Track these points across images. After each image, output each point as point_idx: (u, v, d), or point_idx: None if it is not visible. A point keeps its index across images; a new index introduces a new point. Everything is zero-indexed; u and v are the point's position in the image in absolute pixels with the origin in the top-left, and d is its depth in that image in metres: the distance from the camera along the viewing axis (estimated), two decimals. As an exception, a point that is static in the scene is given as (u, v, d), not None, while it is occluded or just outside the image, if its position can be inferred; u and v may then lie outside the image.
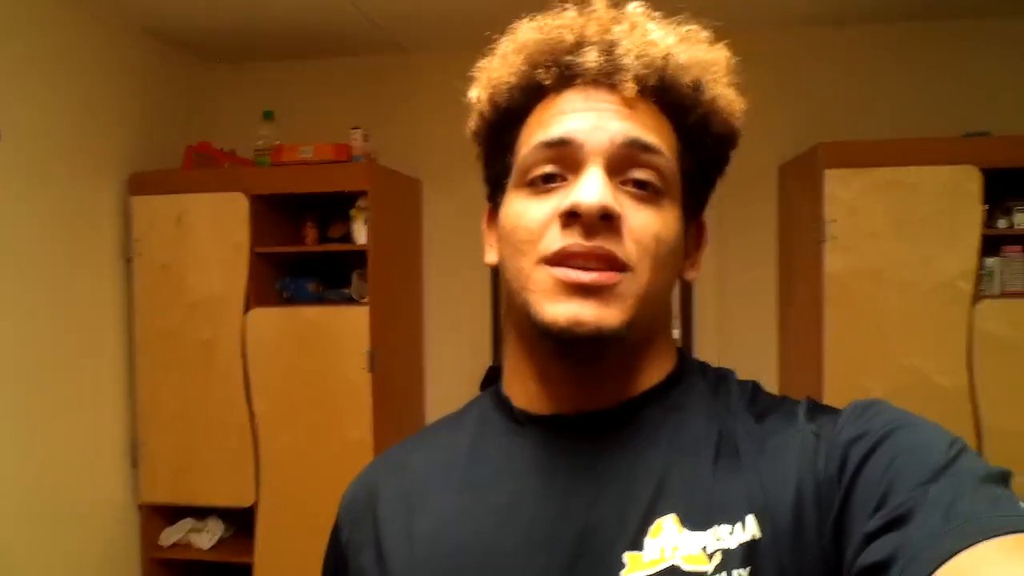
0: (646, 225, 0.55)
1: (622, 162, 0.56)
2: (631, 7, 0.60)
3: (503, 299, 0.64)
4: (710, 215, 0.67)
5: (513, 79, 0.60)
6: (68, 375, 2.29)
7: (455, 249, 2.90)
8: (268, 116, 2.62)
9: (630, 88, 0.56)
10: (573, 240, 0.53)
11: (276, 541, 2.45)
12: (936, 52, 2.64)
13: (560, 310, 0.53)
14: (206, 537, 2.58)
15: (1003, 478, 0.46)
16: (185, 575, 2.68)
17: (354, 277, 2.58)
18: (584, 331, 0.53)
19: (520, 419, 0.62)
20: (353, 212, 2.50)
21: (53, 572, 2.22)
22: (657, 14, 0.61)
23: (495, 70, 0.61)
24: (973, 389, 2.19)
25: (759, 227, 2.75)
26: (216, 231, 2.49)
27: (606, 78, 0.57)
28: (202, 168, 2.59)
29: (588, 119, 0.56)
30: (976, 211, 2.17)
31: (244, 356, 2.48)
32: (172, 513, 2.64)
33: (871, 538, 0.45)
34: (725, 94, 0.60)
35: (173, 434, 2.52)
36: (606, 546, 0.53)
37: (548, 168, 0.57)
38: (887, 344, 2.22)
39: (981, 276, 2.22)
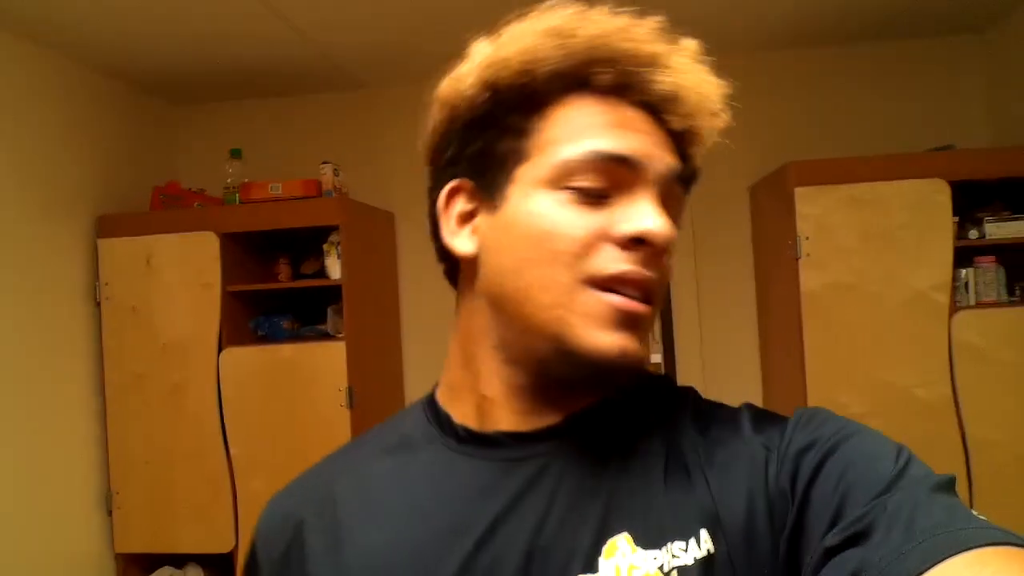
0: (671, 256, 0.56)
1: (665, 194, 0.55)
2: (685, 41, 0.58)
3: (469, 303, 0.58)
4: (684, 235, 0.67)
5: (553, 58, 0.54)
6: (39, 423, 2.23)
7: (431, 280, 2.85)
8: (236, 154, 2.60)
9: (678, 122, 0.56)
10: (634, 267, 0.52)
11: (257, 587, 2.39)
12: (898, 70, 2.68)
13: (611, 340, 0.52)
14: (185, 586, 2.51)
15: (950, 485, 0.46)
16: (164, 626, 2.60)
17: (329, 312, 2.56)
18: (628, 363, 0.52)
19: (461, 437, 0.58)
20: (326, 247, 2.48)
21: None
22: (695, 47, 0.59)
23: (539, 37, 0.55)
24: (956, 401, 2.19)
25: (734, 247, 2.76)
26: (186, 271, 2.45)
27: (663, 106, 0.55)
28: (170, 208, 2.56)
29: (647, 143, 0.54)
30: (947, 223, 2.19)
31: (219, 398, 2.43)
32: (150, 561, 2.57)
33: (831, 553, 0.45)
34: (712, 134, 0.59)
35: (147, 480, 2.46)
36: (558, 570, 0.51)
37: (598, 182, 0.53)
38: (867, 359, 2.22)
39: (955, 287, 2.22)
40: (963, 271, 2.24)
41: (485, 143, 0.57)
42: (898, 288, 2.20)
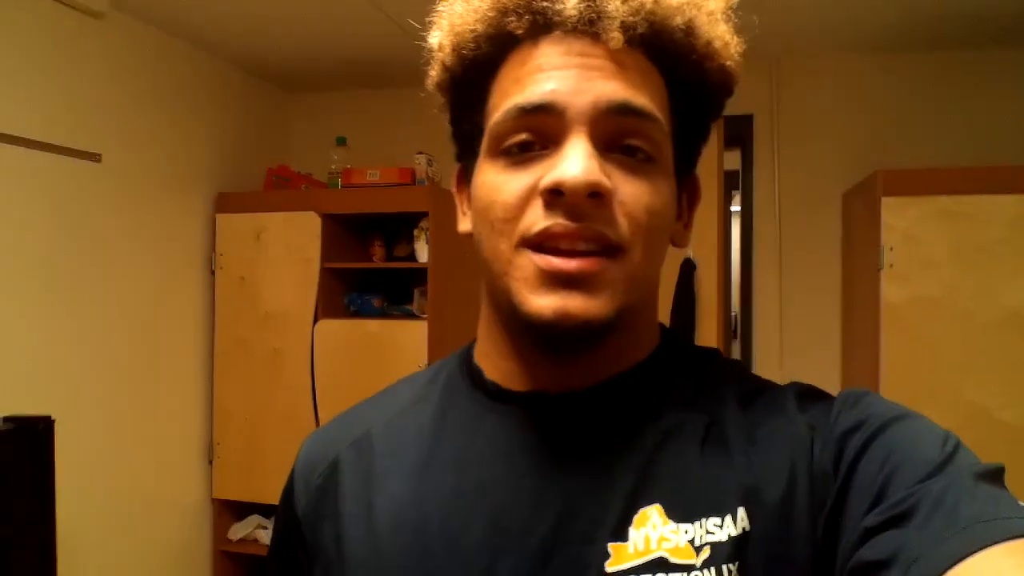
0: (638, 197, 0.50)
1: (609, 128, 0.50)
2: None
3: (480, 270, 0.58)
4: (771, 233, 0.63)
5: (480, 26, 0.52)
6: (155, 377, 2.50)
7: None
8: (341, 142, 2.80)
9: (616, 39, 0.49)
10: (556, 220, 0.48)
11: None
12: (999, 79, 2.56)
13: (545, 303, 0.49)
14: (271, 534, 2.73)
15: (999, 475, 0.45)
16: (250, 569, 2.85)
17: (416, 293, 2.71)
18: (571, 324, 0.49)
19: (493, 393, 0.57)
20: (416, 232, 2.63)
21: (134, 559, 2.42)
22: None
23: (458, 15, 0.54)
24: (1042, 427, 2.09)
25: (823, 252, 2.72)
26: (290, 247, 2.67)
27: (588, 27, 0.49)
28: (280, 189, 2.79)
29: (569, 79, 0.49)
30: (1044, 241, 2.09)
31: (311, 364, 2.63)
32: (242, 509, 2.82)
33: (870, 533, 0.44)
34: (720, 35, 0.53)
35: (245, 435, 2.70)
36: (587, 536, 0.49)
37: (524, 136, 0.50)
38: (947, 376, 2.15)
39: (1051, 308, 2.12)
40: (1062, 292, 2.12)
41: (456, 126, 0.59)
42: (983, 305, 2.12)
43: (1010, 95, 2.55)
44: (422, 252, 2.61)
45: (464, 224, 0.59)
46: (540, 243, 0.49)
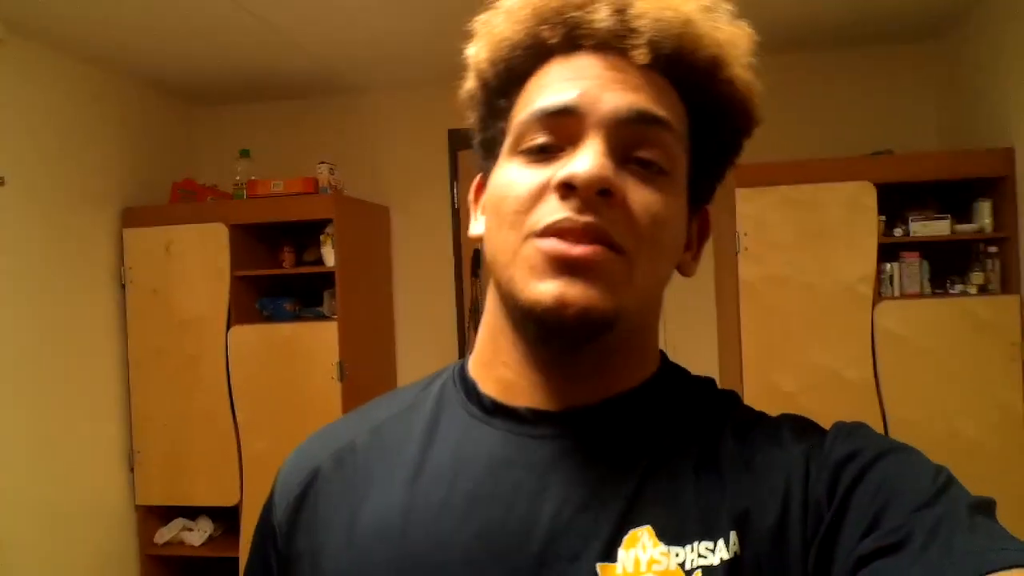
0: (647, 205, 0.51)
1: (627, 137, 0.51)
2: None
3: (486, 277, 0.58)
4: None
5: (516, 37, 0.55)
6: (71, 389, 2.57)
7: (423, 266, 3.18)
8: (244, 154, 2.92)
9: (642, 55, 0.51)
10: (565, 215, 0.49)
11: (259, 536, 2.71)
12: (852, 76, 2.91)
13: (545, 288, 0.49)
14: (197, 535, 2.85)
15: (990, 507, 0.46)
16: (178, 571, 2.95)
17: (325, 296, 2.87)
18: (569, 313, 0.49)
19: (487, 407, 0.57)
20: (322, 237, 2.78)
21: (58, 569, 2.49)
22: None
23: (497, 26, 0.56)
24: (878, 383, 2.43)
25: (696, 240, 3.00)
26: (200, 258, 2.78)
27: (617, 41, 0.52)
28: (187, 202, 2.89)
29: (593, 87, 0.51)
30: (872, 222, 2.43)
31: (227, 369, 2.75)
32: (166, 513, 2.91)
33: (863, 561, 0.44)
34: (744, 76, 0.55)
35: (165, 441, 2.80)
36: (575, 554, 0.49)
37: (544, 138, 0.52)
38: (798, 343, 2.47)
39: (881, 280, 2.46)
40: (888, 265, 2.47)
41: (483, 134, 0.60)
42: (828, 280, 2.45)
43: (844, 92, 2.90)
44: (329, 256, 2.77)
45: (475, 228, 0.60)
46: (547, 235, 0.50)
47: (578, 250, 0.48)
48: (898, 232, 2.48)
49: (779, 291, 2.47)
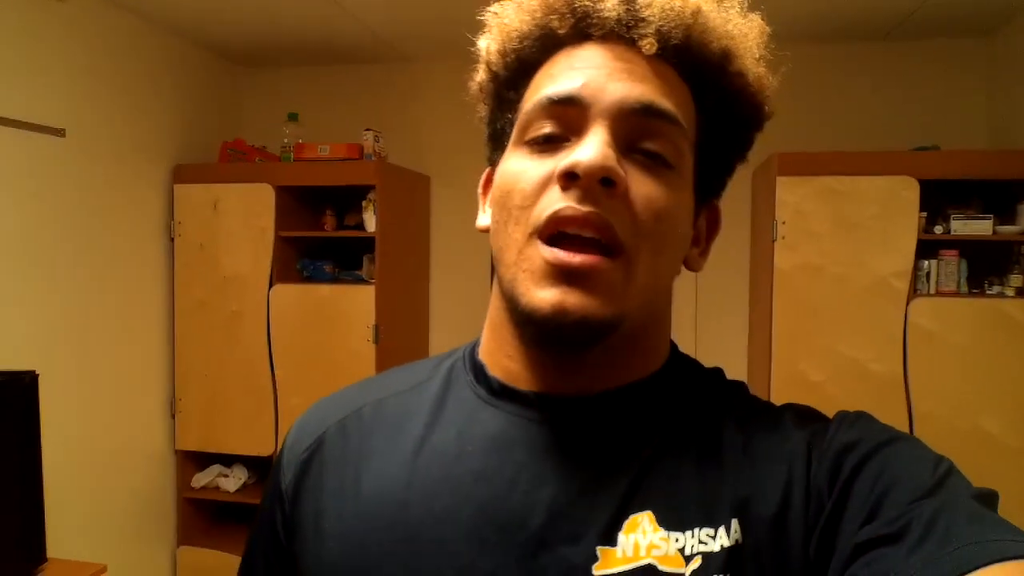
0: (651, 198, 0.51)
1: (632, 128, 0.51)
2: None
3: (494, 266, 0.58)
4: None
5: (526, 27, 0.55)
6: (121, 338, 2.69)
7: (460, 237, 3.23)
8: (293, 117, 2.98)
9: (649, 44, 0.51)
10: (567, 204, 0.49)
11: (290, 487, 2.82)
12: (902, 70, 2.87)
13: (545, 296, 0.49)
14: (232, 481, 2.98)
15: (991, 498, 0.46)
16: (213, 514, 3.09)
17: (365, 260, 2.94)
18: (568, 320, 0.49)
19: (495, 389, 0.57)
20: (364, 203, 2.84)
21: (102, 507, 2.63)
22: None
23: (507, 17, 0.56)
24: (906, 377, 2.45)
25: (733, 227, 3.00)
26: (246, 217, 2.86)
27: (625, 31, 0.52)
28: (235, 162, 2.97)
29: (599, 77, 0.51)
30: (912, 217, 2.42)
31: (267, 326, 2.85)
32: (203, 459, 3.05)
33: (862, 549, 0.44)
34: (755, 69, 0.55)
35: (206, 391, 2.92)
36: (575, 536, 0.50)
37: (549, 128, 0.52)
38: (827, 334, 2.48)
39: (917, 276, 2.46)
40: (926, 262, 2.46)
41: (492, 126, 0.60)
42: (862, 273, 2.45)
43: (893, 85, 2.87)
44: (370, 222, 2.83)
45: (482, 220, 0.61)
46: (550, 232, 0.50)
47: (577, 260, 0.48)
48: (939, 229, 2.46)
49: (813, 281, 2.48)
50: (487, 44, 0.58)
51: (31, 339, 2.30)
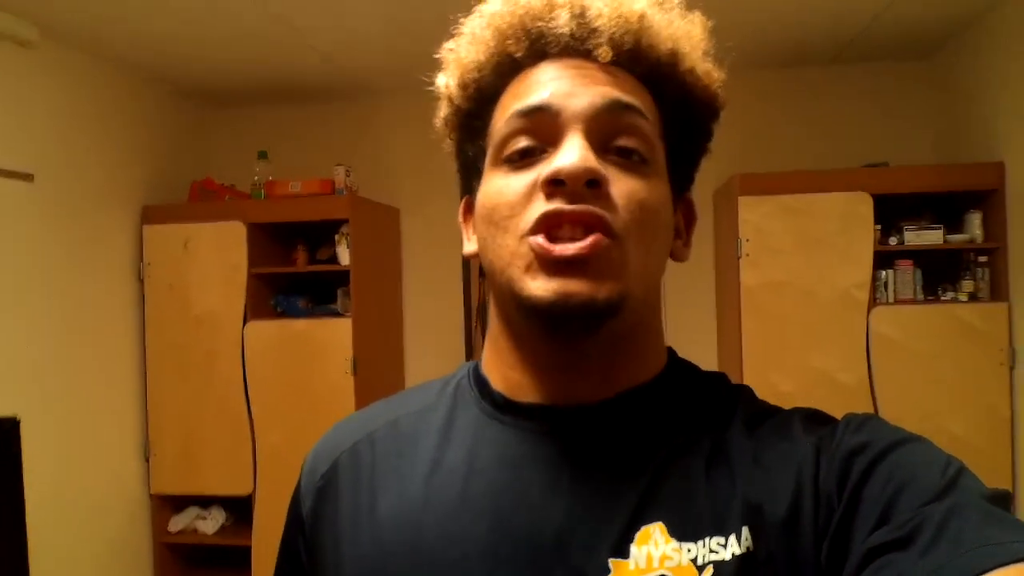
0: (632, 192, 0.52)
1: (604, 128, 0.53)
2: None
3: (484, 287, 0.66)
4: None
5: (482, 57, 0.57)
6: (93, 381, 2.65)
7: (431, 267, 3.27)
8: (262, 155, 3.00)
9: (605, 52, 0.54)
10: (554, 206, 0.50)
11: (272, 526, 2.77)
12: (833, 93, 3.02)
13: (544, 286, 0.50)
14: (210, 524, 2.93)
15: (1004, 499, 0.46)
16: (191, 558, 3.03)
17: (339, 293, 2.95)
18: (573, 304, 0.49)
19: (500, 404, 0.58)
20: (337, 237, 2.87)
21: (77, 554, 2.57)
22: None
23: (462, 50, 0.58)
24: (872, 385, 2.54)
25: (698, 244, 3.07)
26: (218, 255, 2.86)
27: (580, 44, 0.54)
28: (205, 200, 2.97)
29: (564, 86, 0.53)
30: (868, 231, 2.53)
31: (242, 364, 2.84)
32: (180, 502, 2.99)
33: (873, 554, 0.44)
34: (702, 65, 0.58)
35: (180, 432, 2.88)
36: (588, 550, 0.50)
37: (525, 141, 0.54)
38: (794, 346, 2.57)
39: (876, 286, 2.57)
40: (883, 272, 2.58)
41: (462, 157, 0.62)
42: (825, 286, 2.55)
43: (843, 106, 3.01)
44: (343, 255, 2.86)
45: (468, 247, 0.62)
46: (541, 227, 0.51)
47: (571, 250, 0.49)
48: (893, 241, 2.58)
49: (778, 296, 2.57)
50: (446, 80, 0.60)
51: (4, 384, 2.26)
